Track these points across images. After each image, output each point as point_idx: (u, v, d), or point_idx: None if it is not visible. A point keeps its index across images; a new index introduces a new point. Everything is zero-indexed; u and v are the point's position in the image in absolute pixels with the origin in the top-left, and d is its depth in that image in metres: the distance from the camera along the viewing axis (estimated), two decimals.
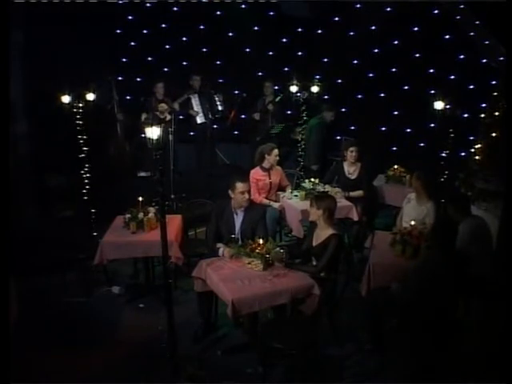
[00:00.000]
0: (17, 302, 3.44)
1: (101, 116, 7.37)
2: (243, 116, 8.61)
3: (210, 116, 8.18)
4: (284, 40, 9.34)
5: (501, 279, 3.77)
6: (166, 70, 9.32)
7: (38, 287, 5.35)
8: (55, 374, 4.08)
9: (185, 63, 9.43)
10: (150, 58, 9.46)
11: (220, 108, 8.21)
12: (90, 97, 6.09)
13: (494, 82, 7.75)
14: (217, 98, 8.18)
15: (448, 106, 5.83)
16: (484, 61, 8.29)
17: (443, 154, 5.97)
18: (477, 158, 6.81)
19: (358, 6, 8.80)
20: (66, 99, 5.81)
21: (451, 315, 3.76)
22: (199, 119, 8.27)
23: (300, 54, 9.31)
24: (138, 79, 9.32)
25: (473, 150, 7.03)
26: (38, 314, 4.81)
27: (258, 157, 6.30)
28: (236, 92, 8.94)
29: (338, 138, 8.49)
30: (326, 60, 9.16)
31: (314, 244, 4.61)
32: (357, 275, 4.84)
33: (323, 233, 4.54)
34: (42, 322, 4.74)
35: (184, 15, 9.18)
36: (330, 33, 8.95)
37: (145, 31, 9.33)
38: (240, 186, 4.74)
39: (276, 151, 6.24)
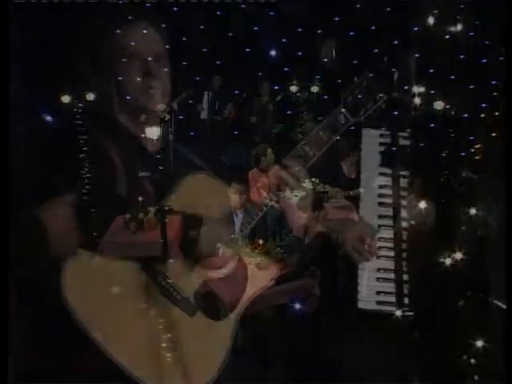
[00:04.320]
0: (16, 302, 3.44)
1: (101, 116, 7.36)
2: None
3: (214, 116, 8.24)
4: (284, 40, 9.34)
5: (501, 279, 3.77)
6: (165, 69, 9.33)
7: (38, 287, 5.36)
8: (55, 374, 4.08)
9: (185, 63, 9.44)
10: (149, 58, 9.46)
11: (224, 115, 8.29)
12: (90, 97, 6.09)
13: (494, 82, 7.75)
14: (226, 106, 8.27)
15: (448, 106, 5.83)
16: (484, 61, 8.29)
17: (443, 154, 5.96)
18: (477, 158, 6.81)
19: (358, 6, 8.80)
20: (66, 99, 5.81)
21: (451, 315, 3.77)
22: (202, 115, 8.33)
23: (300, 54, 9.31)
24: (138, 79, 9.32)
25: (473, 150, 7.03)
26: (37, 313, 4.81)
27: (253, 160, 6.34)
28: (236, 92, 8.96)
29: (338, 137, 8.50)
30: (325, 60, 9.18)
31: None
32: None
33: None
34: (41, 322, 4.74)
35: (184, 15, 9.19)
36: (330, 33, 8.98)
37: (145, 31, 9.33)
38: (234, 187, 4.74)
39: (270, 150, 6.28)
